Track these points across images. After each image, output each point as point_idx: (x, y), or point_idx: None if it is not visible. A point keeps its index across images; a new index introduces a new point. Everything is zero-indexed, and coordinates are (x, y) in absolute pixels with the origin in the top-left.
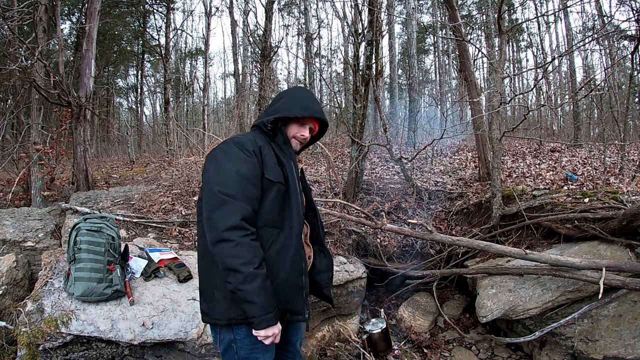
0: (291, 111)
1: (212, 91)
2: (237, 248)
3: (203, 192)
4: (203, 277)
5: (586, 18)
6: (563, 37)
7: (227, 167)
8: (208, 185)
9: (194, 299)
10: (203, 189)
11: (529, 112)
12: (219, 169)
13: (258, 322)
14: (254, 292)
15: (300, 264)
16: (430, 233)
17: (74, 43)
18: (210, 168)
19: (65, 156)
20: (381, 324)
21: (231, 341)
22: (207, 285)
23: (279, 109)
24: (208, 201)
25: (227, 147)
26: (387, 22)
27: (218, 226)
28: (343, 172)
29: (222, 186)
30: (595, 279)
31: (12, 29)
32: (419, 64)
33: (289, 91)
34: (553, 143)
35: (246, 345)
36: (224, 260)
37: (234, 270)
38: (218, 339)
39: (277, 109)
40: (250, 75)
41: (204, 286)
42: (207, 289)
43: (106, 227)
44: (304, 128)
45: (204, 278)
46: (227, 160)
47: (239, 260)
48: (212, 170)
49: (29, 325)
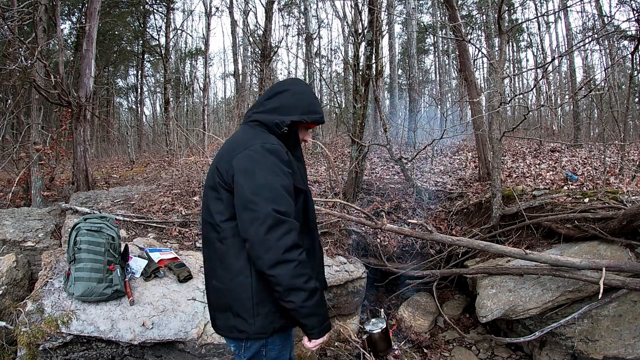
0: (305, 117)
1: (212, 91)
2: (299, 267)
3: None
4: (236, 297)
5: (586, 18)
6: (563, 37)
7: (273, 182)
8: (254, 202)
9: (194, 299)
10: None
11: (529, 112)
12: (264, 183)
13: (317, 333)
14: (315, 306)
15: (320, 266)
16: (430, 233)
17: (74, 43)
18: (251, 182)
19: (65, 156)
20: (381, 324)
21: (261, 346)
22: (243, 304)
23: (288, 108)
24: (261, 220)
25: (263, 158)
26: (387, 22)
27: (277, 248)
28: (343, 172)
29: (275, 204)
30: (595, 279)
31: (12, 29)
32: (419, 64)
33: (288, 86)
34: (553, 143)
35: (276, 347)
36: (287, 281)
37: (297, 289)
38: (243, 347)
39: (282, 107)
40: (250, 75)
41: (237, 305)
42: (243, 307)
43: (106, 227)
44: (308, 133)
45: (239, 297)
46: (270, 173)
47: (302, 279)
48: (255, 185)
49: (29, 325)
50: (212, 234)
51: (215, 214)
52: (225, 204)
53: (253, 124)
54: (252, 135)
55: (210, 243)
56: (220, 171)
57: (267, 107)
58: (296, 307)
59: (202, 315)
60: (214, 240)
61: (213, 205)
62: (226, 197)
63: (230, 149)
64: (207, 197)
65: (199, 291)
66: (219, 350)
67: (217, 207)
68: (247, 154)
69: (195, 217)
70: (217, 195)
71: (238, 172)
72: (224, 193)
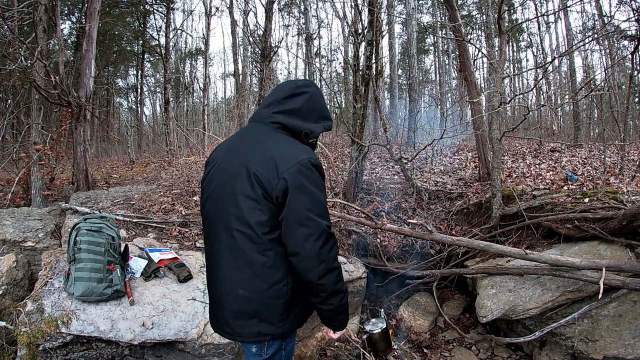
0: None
1: (212, 91)
2: (340, 274)
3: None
4: (267, 304)
5: (586, 18)
6: (563, 37)
7: (321, 198)
8: (309, 219)
9: (194, 299)
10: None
11: (529, 112)
12: (316, 200)
13: (344, 325)
14: (347, 303)
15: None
16: (430, 233)
17: (74, 43)
18: (307, 199)
19: (65, 156)
20: (381, 324)
21: (282, 342)
22: (274, 310)
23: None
24: (317, 236)
25: (313, 174)
26: (387, 22)
27: (330, 259)
28: (343, 172)
29: (326, 220)
30: (595, 279)
31: (12, 29)
32: (419, 64)
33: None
34: (553, 143)
35: (292, 341)
36: (332, 287)
37: (338, 292)
38: (265, 347)
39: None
40: (250, 75)
41: (267, 311)
42: (273, 313)
43: (106, 227)
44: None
45: (270, 304)
46: (319, 191)
47: (341, 283)
48: (309, 202)
49: (29, 325)
50: (246, 244)
51: (256, 225)
52: (268, 216)
53: (275, 126)
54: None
55: (241, 253)
56: (262, 182)
57: (287, 108)
58: (334, 308)
59: (202, 315)
60: (250, 251)
61: (251, 215)
62: (269, 210)
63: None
64: (237, 205)
65: (199, 291)
66: (219, 350)
67: (257, 218)
68: (299, 170)
69: (195, 217)
70: (258, 207)
71: (293, 188)
72: (267, 205)
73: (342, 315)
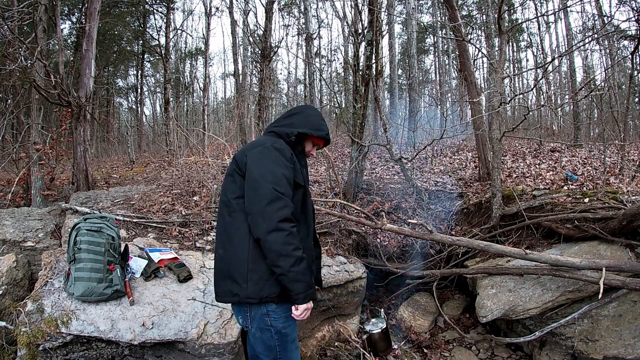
0: (311, 131)
1: (212, 91)
2: (290, 237)
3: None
4: (234, 262)
5: (586, 18)
6: (563, 37)
7: (275, 170)
8: (259, 182)
9: (194, 299)
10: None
11: (529, 112)
12: (268, 169)
13: (302, 298)
14: (301, 272)
15: (312, 252)
16: (430, 233)
17: (74, 43)
18: (258, 167)
19: (65, 156)
20: (381, 324)
21: (264, 314)
22: (239, 269)
23: (297, 124)
24: (263, 195)
25: (270, 152)
26: (387, 22)
27: (273, 217)
28: (343, 172)
29: (275, 185)
30: (595, 279)
31: (12, 29)
32: (419, 64)
33: (302, 110)
34: (553, 143)
35: (279, 316)
36: (278, 248)
37: (286, 255)
38: (249, 317)
39: (294, 123)
40: (250, 75)
41: (234, 270)
42: (239, 272)
43: (106, 227)
44: (314, 146)
45: (236, 263)
46: (273, 164)
47: (291, 247)
48: (261, 170)
49: (29, 325)
50: (224, 210)
51: (229, 192)
52: (238, 185)
53: (270, 134)
54: (266, 139)
55: (222, 218)
56: (237, 161)
57: (283, 123)
58: (284, 272)
59: (202, 315)
60: (226, 215)
61: (229, 187)
62: (239, 181)
63: (247, 147)
64: (225, 183)
65: (199, 291)
66: (219, 350)
67: (231, 187)
68: (259, 149)
69: (196, 217)
70: (232, 180)
71: (250, 160)
72: (237, 177)
73: (296, 284)
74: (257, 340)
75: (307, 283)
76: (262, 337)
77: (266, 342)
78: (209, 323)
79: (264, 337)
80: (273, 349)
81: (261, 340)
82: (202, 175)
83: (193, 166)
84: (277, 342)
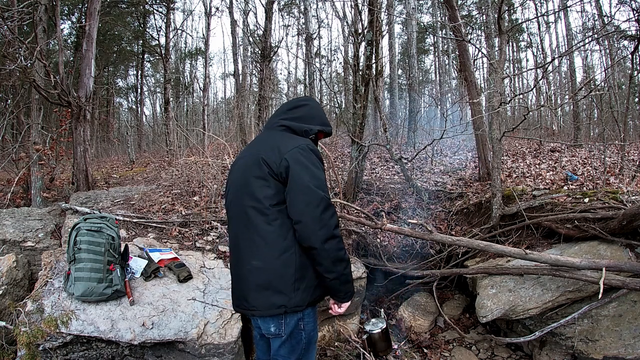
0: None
1: (212, 91)
2: (341, 242)
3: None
4: (277, 273)
5: (586, 18)
6: (563, 37)
7: (319, 174)
8: (309, 188)
9: (194, 299)
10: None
11: (529, 112)
12: (314, 174)
13: (349, 297)
14: (350, 273)
15: None
16: (430, 233)
17: (74, 43)
18: (306, 172)
19: (65, 156)
20: (381, 324)
21: (299, 320)
22: (285, 279)
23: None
24: (316, 203)
25: (310, 155)
26: (387, 22)
27: (330, 225)
28: (343, 172)
29: (324, 191)
30: (595, 279)
31: (12, 29)
32: (419, 64)
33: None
34: (553, 143)
35: (311, 320)
36: (335, 253)
37: (341, 260)
38: (283, 324)
39: (307, 118)
40: (250, 75)
41: (278, 281)
42: (284, 282)
43: (106, 227)
44: (320, 141)
45: (280, 273)
46: (316, 167)
47: (343, 251)
48: (308, 175)
49: (29, 325)
50: (257, 217)
51: (264, 198)
52: (274, 190)
53: (281, 128)
54: (292, 138)
55: (253, 226)
56: (269, 163)
57: (292, 116)
58: (338, 276)
59: (202, 315)
60: (261, 223)
61: (260, 191)
62: (275, 185)
63: (276, 146)
64: (250, 186)
65: (199, 291)
66: (218, 350)
67: (265, 192)
68: (297, 151)
69: (196, 217)
70: (265, 184)
71: (293, 164)
72: (273, 182)
73: (346, 285)
74: (283, 345)
75: (352, 282)
76: (291, 342)
77: (294, 346)
78: (209, 323)
79: (293, 341)
80: (298, 351)
81: (289, 345)
82: (202, 175)
83: (193, 166)
84: (305, 345)
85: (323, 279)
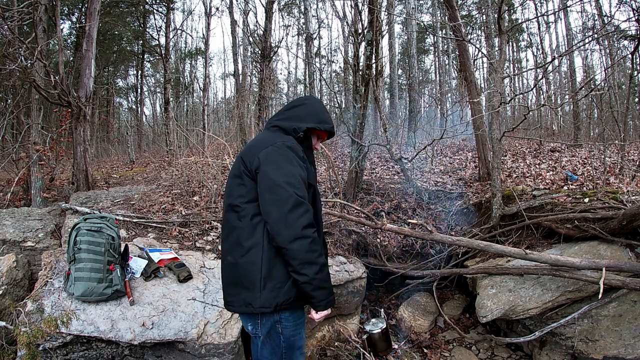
0: (317, 124)
1: (212, 91)
2: (313, 243)
3: (267, 192)
4: (246, 269)
5: (586, 18)
6: (563, 37)
7: (293, 171)
8: (278, 186)
9: (194, 299)
10: (269, 189)
11: (529, 112)
12: (286, 172)
13: (324, 305)
14: (325, 279)
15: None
16: (430, 233)
17: (74, 43)
18: (274, 170)
19: (65, 156)
20: (381, 324)
21: (275, 322)
22: (252, 277)
23: (304, 117)
24: (283, 201)
25: (284, 152)
26: (387, 22)
27: (296, 225)
28: (343, 172)
29: (295, 189)
30: (595, 279)
31: (12, 29)
32: (419, 64)
33: (304, 101)
34: (553, 143)
35: (290, 324)
36: (302, 256)
37: (311, 262)
38: (259, 324)
39: (299, 117)
40: (250, 75)
41: (247, 277)
42: (251, 280)
43: (106, 227)
44: (319, 140)
45: (249, 270)
46: (290, 165)
47: (315, 254)
48: (278, 172)
49: (29, 325)
50: (232, 215)
51: (238, 197)
52: (248, 188)
53: (274, 128)
54: (274, 136)
55: (229, 223)
56: (245, 162)
57: (286, 116)
58: (309, 280)
59: (202, 315)
60: (234, 220)
61: (236, 190)
62: (249, 183)
63: (255, 145)
64: (230, 184)
65: (199, 291)
66: (219, 350)
67: (239, 191)
68: (271, 149)
69: (196, 217)
70: (240, 182)
71: (264, 162)
72: (247, 180)
73: (320, 291)
74: (264, 347)
75: (330, 290)
76: (270, 344)
77: (274, 348)
78: (209, 323)
79: (272, 343)
80: (279, 355)
81: (270, 346)
82: (202, 175)
83: (193, 166)
84: (285, 350)
85: (296, 283)
